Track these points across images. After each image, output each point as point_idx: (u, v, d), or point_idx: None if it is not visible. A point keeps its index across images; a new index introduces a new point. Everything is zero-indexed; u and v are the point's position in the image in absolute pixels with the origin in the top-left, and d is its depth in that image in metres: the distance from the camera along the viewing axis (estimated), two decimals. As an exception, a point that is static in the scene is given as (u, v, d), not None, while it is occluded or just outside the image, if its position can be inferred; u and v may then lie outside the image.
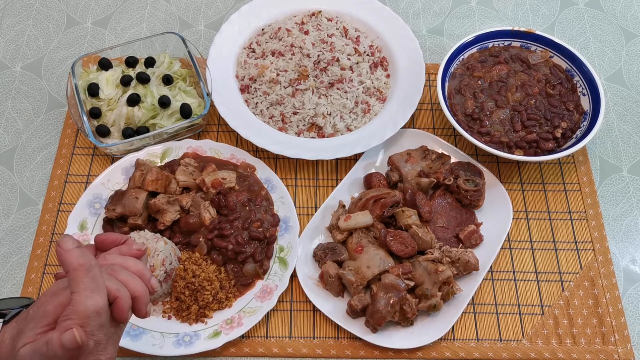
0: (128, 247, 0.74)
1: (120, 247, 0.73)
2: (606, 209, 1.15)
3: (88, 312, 0.61)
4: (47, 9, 1.42)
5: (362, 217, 1.04)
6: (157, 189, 1.07)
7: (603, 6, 1.45)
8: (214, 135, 1.21)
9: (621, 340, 1.00)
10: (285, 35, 1.25)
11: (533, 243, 1.10)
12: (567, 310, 1.03)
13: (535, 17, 1.43)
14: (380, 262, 1.00)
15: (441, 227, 1.08)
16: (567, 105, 1.17)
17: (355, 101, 1.20)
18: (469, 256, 1.01)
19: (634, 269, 1.08)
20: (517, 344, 1.00)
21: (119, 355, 0.97)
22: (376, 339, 0.97)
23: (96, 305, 0.62)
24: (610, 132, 1.24)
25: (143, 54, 1.25)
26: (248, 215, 1.06)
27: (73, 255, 0.64)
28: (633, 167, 1.20)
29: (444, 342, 0.99)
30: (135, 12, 1.42)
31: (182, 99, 1.17)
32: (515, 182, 1.16)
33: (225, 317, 0.99)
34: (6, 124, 1.23)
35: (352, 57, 1.24)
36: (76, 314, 0.61)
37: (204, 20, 1.42)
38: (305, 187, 1.15)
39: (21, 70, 1.32)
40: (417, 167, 1.11)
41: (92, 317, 0.62)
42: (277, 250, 1.05)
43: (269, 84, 1.20)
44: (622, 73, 1.34)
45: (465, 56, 1.23)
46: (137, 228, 1.04)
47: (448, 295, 0.99)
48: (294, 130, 1.18)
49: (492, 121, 1.15)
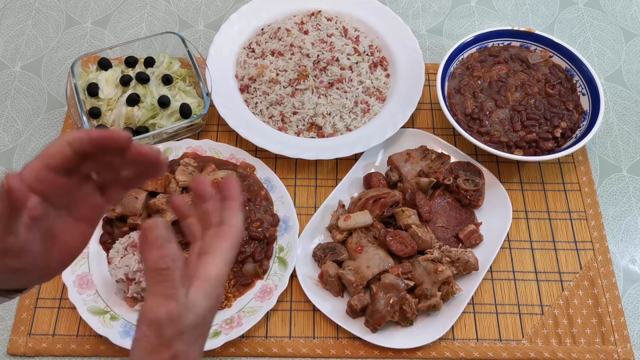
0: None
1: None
2: (606, 208, 1.15)
3: (160, 319, 0.53)
4: (46, 9, 1.42)
5: (361, 217, 1.04)
6: (156, 188, 1.07)
7: (603, 6, 1.45)
8: (214, 135, 1.21)
9: (621, 340, 1.00)
10: (285, 35, 1.25)
11: (533, 243, 1.10)
12: (566, 310, 1.03)
13: (534, 16, 1.43)
14: (380, 262, 1.00)
15: (441, 227, 1.08)
16: (566, 105, 1.17)
17: (355, 101, 1.20)
18: (469, 256, 1.01)
19: (634, 268, 1.08)
20: (516, 344, 1.00)
21: (118, 355, 0.97)
22: (376, 338, 0.97)
23: (169, 312, 0.53)
24: (610, 131, 1.25)
25: (143, 53, 1.25)
26: (248, 215, 1.06)
27: (154, 249, 0.54)
28: (633, 166, 1.20)
29: (444, 342, 0.99)
30: (135, 12, 1.42)
31: (182, 98, 1.17)
32: (515, 182, 1.16)
33: (224, 317, 0.99)
34: (5, 124, 1.23)
35: (352, 56, 1.24)
36: (145, 321, 0.54)
37: (204, 20, 1.42)
38: (305, 187, 1.15)
39: (20, 70, 1.32)
40: (416, 167, 1.11)
41: (164, 325, 0.53)
42: (277, 250, 1.05)
43: (268, 84, 1.20)
44: (621, 73, 1.34)
45: (464, 56, 1.23)
46: (137, 228, 1.04)
47: (448, 295, 0.99)
48: (294, 130, 1.18)
49: (492, 121, 1.15)
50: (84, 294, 0.99)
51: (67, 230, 0.65)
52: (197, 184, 0.64)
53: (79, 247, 0.67)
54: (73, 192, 0.64)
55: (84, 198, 0.65)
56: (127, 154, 0.60)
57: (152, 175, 0.65)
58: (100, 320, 0.97)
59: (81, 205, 0.65)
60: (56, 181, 0.60)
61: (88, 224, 0.67)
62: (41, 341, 0.98)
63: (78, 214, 0.66)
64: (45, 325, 1.00)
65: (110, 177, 0.64)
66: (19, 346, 0.98)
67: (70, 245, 0.66)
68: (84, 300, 0.98)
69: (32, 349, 0.98)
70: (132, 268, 0.94)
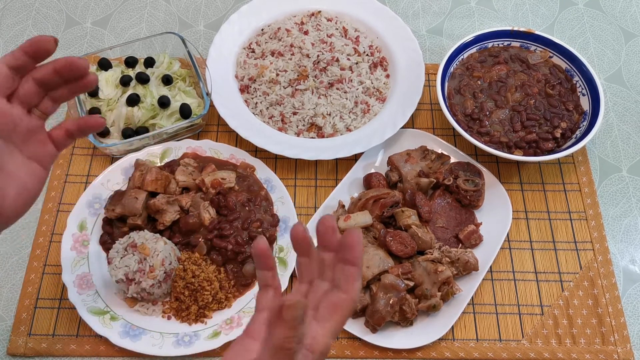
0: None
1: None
2: (606, 209, 1.15)
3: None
4: (46, 9, 1.42)
5: (361, 217, 1.04)
6: (156, 189, 1.07)
7: (602, 6, 1.45)
8: (214, 136, 1.21)
9: (621, 341, 1.00)
10: (285, 36, 1.25)
11: (533, 243, 1.10)
12: (566, 311, 1.03)
13: (534, 17, 1.43)
14: (380, 262, 1.00)
15: (441, 227, 1.08)
16: (566, 106, 1.17)
17: (355, 101, 1.20)
18: (469, 256, 1.01)
19: (634, 269, 1.08)
20: (516, 344, 1.00)
21: (118, 355, 0.97)
22: (376, 339, 0.97)
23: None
24: (610, 132, 1.25)
25: (143, 54, 1.25)
26: (248, 215, 1.06)
27: (288, 329, 0.54)
28: (633, 167, 1.20)
29: (444, 342, 0.99)
30: (135, 12, 1.42)
31: (182, 99, 1.17)
32: (515, 182, 1.16)
33: (224, 317, 0.99)
34: (6, 124, 1.23)
35: (352, 57, 1.24)
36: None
37: (204, 20, 1.42)
38: (305, 187, 1.15)
39: (21, 71, 1.32)
40: (416, 167, 1.11)
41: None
42: (277, 250, 1.05)
43: (268, 84, 1.20)
44: (621, 73, 1.34)
45: (464, 56, 1.23)
46: (137, 228, 1.04)
47: (448, 295, 0.99)
48: (294, 131, 1.18)
49: (492, 121, 1.15)
50: (84, 294, 0.99)
51: (19, 167, 0.67)
52: (326, 229, 0.62)
53: (36, 188, 0.68)
54: (17, 121, 0.66)
55: (30, 133, 0.67)
56: (56, 64, 0.65)
57: (81, 87, 0.68)
58: (100, 321, 0.97)
59: (29, 141, 0.67)
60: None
61: (40, 164, 0.69)
62: (41, 341, 0.98)
63: (27, 151, 0.67)
64: (45, 325, 1.00)
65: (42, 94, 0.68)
66: (19, 346, 0.98)
67: (28, 184, 0.67)
68: (83, 301, 0.98)
69: (32, 349, 0.98)
70: (132, 268, 0.94)
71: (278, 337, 0.55)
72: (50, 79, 0.67)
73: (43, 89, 0.67)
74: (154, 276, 0.95)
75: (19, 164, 0.67)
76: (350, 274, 0.59)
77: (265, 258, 0.62)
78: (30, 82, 0.66)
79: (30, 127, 0.67)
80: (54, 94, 0.68)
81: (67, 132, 0.70)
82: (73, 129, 0.70)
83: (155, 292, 0.97)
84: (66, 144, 0.71)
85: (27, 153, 0.68)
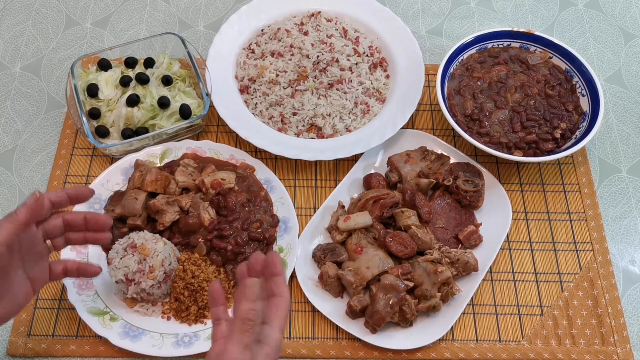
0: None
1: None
2: (605, 209, 1.15)
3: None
4: (46, 10, 1.42)
5: (361, 217, 1.04)
6: (156, 189, 1.07)
7: (602, 7, 1.45)
8: (214, 136, 1.21)
9: (620, 341, 1.00)
10: (285, 36, 1.25)
11: (532, 244, 1.10)
12: (566, 311, 1.03)
13: (534, 17, 1.43)
14: (380, 262, 1.00)
15: (440, 228, 1.08)
16: (566, 106, 1.17)
17: (355, 102, 1.20)
18: (469, 257, 1.01)
19: (634, 269, 1.08)
20: (516, 345, 1.00)
21: (117, 356, 0.97)
22: (375, 339, 0.97)
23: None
24: (610, 132, 1.25)
25: (142, 54, 1.25)
26: (247, 216, 1.06)
27: (249, 302, 0.72)
28: (632, 167, 1.20)
29: (444, 343, 0.99)
30: (135, 13, 1.42)
31: (182, 99, 1.17)
32: (515, 183, 1.16)
33: (224, 318, 0.99)
34: (5, 124, 1.23)
35: (352, 57, 1.24)
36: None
37: (204, 20, 1.42)
38: (305, 187, 1.15)
39: (20, 71, 1.32)
40: (416, 168, 1.11)
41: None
42: (277, 250, 1.05)
43: (268, 85, 1.20)
44: (621, 74, 1.34)
45: (464, 57, 1.23)
46: (137, 229, 1.04)
47: (447, 295, 0.99)
48: (294, 131, 1.18)
49: (492, 122, 1.15)
50: (84, 295, 0.99)
51: (19, 282, 0.79)
52: (252, 264, 0.77)
53: (21, 305, 0.80)
54: (37, 242, 0.79)
55: (38, 257, 0.81)
56: (87, 215, 0.84)
57: (96, 240, 0.87)
58: (100, 321, 0.97)
59: (34, 263, 0.80)
60: (31, 228, 0.77)
61: (32, 286, 0.81)
62: (40, 342, 0.98)
63: (29, 271, 0.80)
64: (44, 326, 1.00)
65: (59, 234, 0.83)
66: (19, 347, 0.98)
67: (17, 298, 0.79)
68: (83, 301, 0.98)
69: (32, 350, 0.98)
70: (131, 269, 0.94)
71: (242, 309, 0.71)
72: (77, 224, 0.83)
73: (66, 229, 0.83)
74: (153, 277, 0.95)
75: (19, 278, 0.78)
76: (279, 281, 0.73)
77: (219, 296, 0.76)
78: (59, 219, 0.82)
79: (41, 252, 0.81)
80: (70, 235, 0.84)
81: (64, 269, 0.85)
82: (72, 269, 0.86)
83: (155, 292, 0.97)
84: (59, 278, 0.85)
85: (28, 273, 0.80)
